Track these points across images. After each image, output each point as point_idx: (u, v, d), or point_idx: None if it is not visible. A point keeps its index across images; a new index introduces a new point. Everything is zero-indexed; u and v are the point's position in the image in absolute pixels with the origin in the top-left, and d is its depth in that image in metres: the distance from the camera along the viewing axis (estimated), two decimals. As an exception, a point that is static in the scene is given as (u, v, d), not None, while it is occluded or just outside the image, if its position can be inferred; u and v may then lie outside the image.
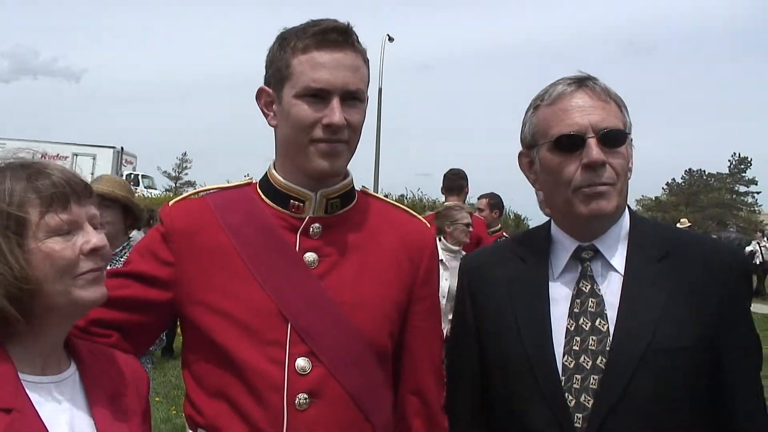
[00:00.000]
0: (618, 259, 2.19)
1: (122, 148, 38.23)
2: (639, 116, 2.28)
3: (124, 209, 4.50)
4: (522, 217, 32.61)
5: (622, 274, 2.17)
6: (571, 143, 2.12)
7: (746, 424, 2.13)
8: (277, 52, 2.15)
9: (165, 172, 71.21)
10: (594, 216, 2.14)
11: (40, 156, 1.97)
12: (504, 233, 9.08)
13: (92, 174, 34.41)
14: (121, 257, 4.33)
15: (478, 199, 9.64)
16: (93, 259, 1.80)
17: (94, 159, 35.49)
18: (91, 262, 1.80)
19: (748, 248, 26.72)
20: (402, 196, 32.80)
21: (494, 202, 9.34)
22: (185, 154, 74.38)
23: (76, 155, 35.39)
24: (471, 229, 7.38)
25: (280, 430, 2.03)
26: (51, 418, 1.76)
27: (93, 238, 1.80)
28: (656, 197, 73.00)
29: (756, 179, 72.13)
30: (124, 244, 4.54)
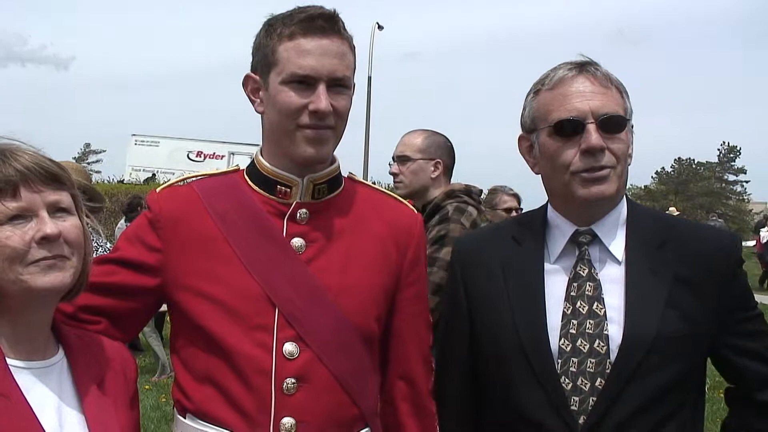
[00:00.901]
0: (615, 244, 2.20)
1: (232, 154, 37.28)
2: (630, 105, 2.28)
3: (90, 200, 4.49)
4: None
5: (620, 259, 2.18)
6: (570, 128, 2.13)
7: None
8: (264, 39, 2.15)
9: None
10: (593, 200, 2.14)
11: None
12: None
13: None
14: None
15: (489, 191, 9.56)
16: (46, 246, 1.76)
17: (252, 158, 34.79)
18: (44, 250, 1.76)
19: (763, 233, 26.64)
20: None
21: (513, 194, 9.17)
22: (175, 142, 73.95)
23: (233, 154, 34.68)
24: (515, 214, 6.36)
25: (267, 414, 2.05)
26: (39, 404, 1.76)
27: (46, 226, 1.76)
28: (645, 186, 73.09)
29: (745, 168, 72.34)
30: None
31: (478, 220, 4.02)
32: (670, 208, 25.26)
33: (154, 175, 34.76)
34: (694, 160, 75.71)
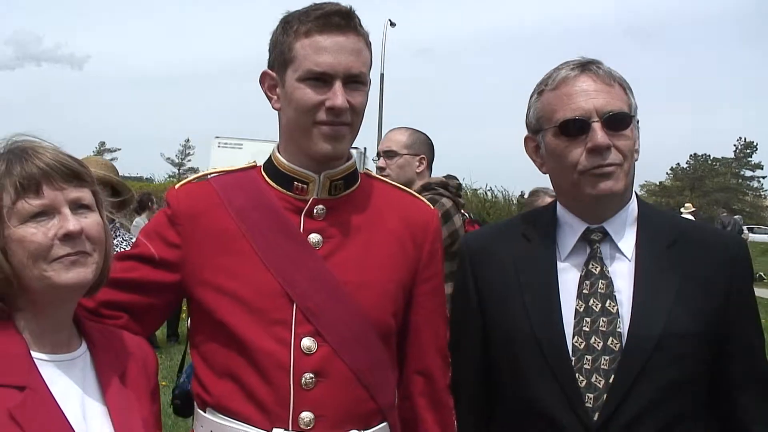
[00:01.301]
0: (626, 243, 2.21)
1: (365, 149, 36.75)
2: (642, 101, 2.28)
3: (112, 190, 4.53)
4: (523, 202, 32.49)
5: (630, 258, 2.19)
6: (575, 128, 2.13)
7: (752, 405, 2.18)
8: (280, 36, 2.17)
9: (168, 158, 71.22)
10: (602, 196, 2.15)
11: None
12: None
13: None
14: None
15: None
16: (69, 243, 1.79)
17: (275, 147, 34.26)
18: (67, 247, 1.79)
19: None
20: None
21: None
22: (188, 140, 74.31)
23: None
24: None
25: (286, 408, 2.07)
26: (63, 396, 1.79)
27: (68, 222, 1.79)
28: (661, 182, 72.86)
29: (762, 164, 71.97)
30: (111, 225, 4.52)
31: (452, 211, 4.25)
32: (686, 204, 25.09)
33: None
34: (709, 155, 75.42)
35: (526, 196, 6.77)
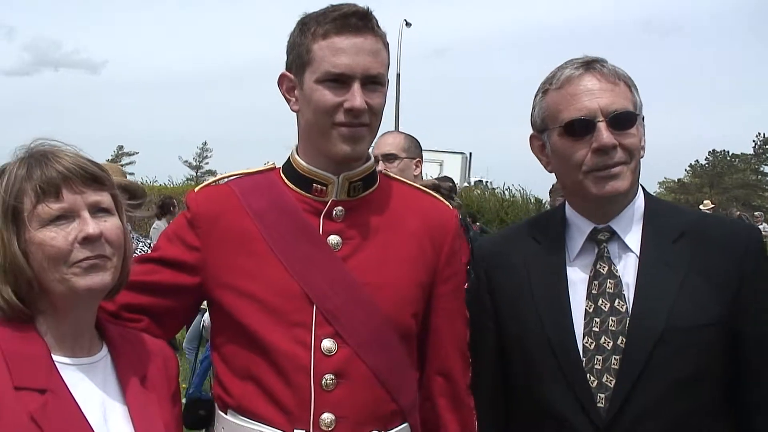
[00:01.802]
0: (634, 239, 2.20)
1: (470, 154, 35.89)
2: (661, 98, 2.29)
3: (132, 197, 4.57)
4: (543, 201, 32.42)
5: (638, 255, 2.18)
6: (581, 128, 2.13)
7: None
8: (298, 38, 2.17)
9: (186, 161, 71.58)
10: (607, 196, 2.15)
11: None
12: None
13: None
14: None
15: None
16: (88, 246, 1.80)
17: (441, 165, 32.98)
18: (86, 251, 1.80)
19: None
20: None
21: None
22: (206, 143, 74.67)
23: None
24: None
25: (307, 410, 2.07)
26: (84, 399, 1.80)
27: (88, 226, 1.80)
28: (679, 179, 72.46)
29: (781, 159, 71.29)
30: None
31: None
32: (705, 201, 24.94)
33: None
34: (728, 152, 74.93)
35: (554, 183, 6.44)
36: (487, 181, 35.36)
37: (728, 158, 74.44)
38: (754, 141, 72.70)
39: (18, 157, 1.86)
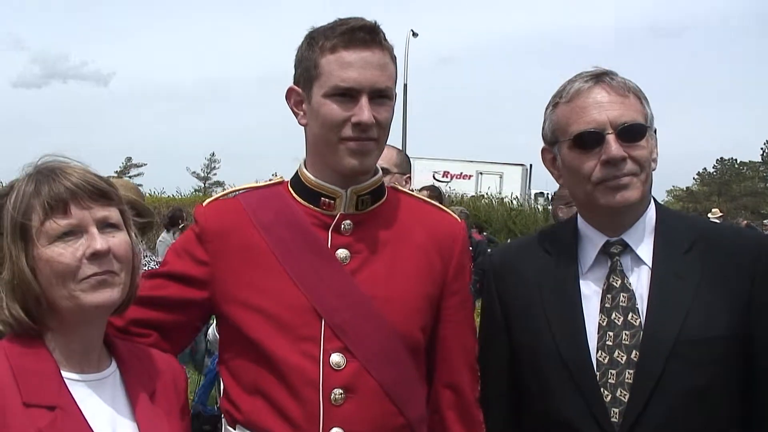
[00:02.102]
0: (646, 252, 2.20)
1: (531, 166, 34.25)
2: (667, 105, 2.28)
3: (138, 215, 4.61)
4: (550, 211, 32.33)
5: (650, 267, 2.17)
6: (590, 140, 2.14)
7: None
8: (306, 52, 2.17)
9: (194, 172, 71.75)
10: (618, 207, 2.14)
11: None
12: None
13: (499, 193, 32.00)
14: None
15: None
16: (96, 262, 1.80)
17: (501, 177, 33.35)
18: (94, 266, 1.80)
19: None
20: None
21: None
22: (213, 154, 74.77)
23: (481, 173, 33.54)
24: None
25: (316, 425, 2.06)
26: (93, 416, 1.80)
27: (96, 242, 1.80)
28: (687, 187, 72.34)
29: (790, 167, 71.09)
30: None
31: None
32: (713, 210, 24.86)
33: None
34: (736, 159, 74.70)
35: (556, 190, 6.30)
36: (547, 194, 34.48)
37: (736, 166, 74.28)
38: (762, 149, 72.52)
39: (26, 174, 1.86)
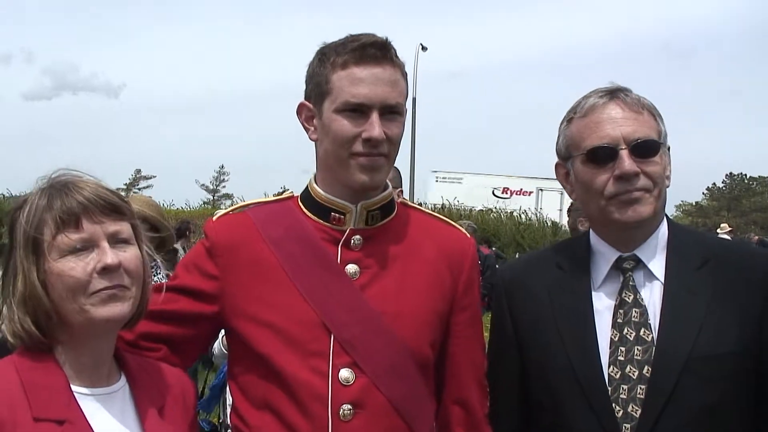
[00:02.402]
0: (659, 267, 2.20)
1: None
2: (678, 121, 2.28)
3: (153, 229, 4.66)
4: (559, 225, 32.34)
5: (663, 282, 2.17)
6: (603, 155, 2.15)
7: None
8: (317, 68, 2.18)
9: (203, 185, 71.92)
10: (630, 222, 2.15)
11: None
12: None
13: (560, 210, 31.67)
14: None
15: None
16: (107, 277, 1.81)
17: (561, 195, 31.46)
18: (105, 281, 1.81)
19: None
20: (443, 206, 32.65)
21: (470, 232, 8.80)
22: (222, 166, 74.90)
23: (542, 190, 33.00)
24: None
25: None
26: (102, 430, 1.80)
27: (107, 256, 1.81)
28: (697, 202, 72.12)
29: (800, 183, 70.82)
30: (152, 264, 4.62)
31: None
32: (722, 225, 24.73)
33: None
34: (746, 174, 74.46)
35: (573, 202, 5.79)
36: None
37: (746, 181, 74.09)
38: (772, 164, 72.41)
39: (39, 187, 1.87)
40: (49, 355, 1.83)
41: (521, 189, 33.57)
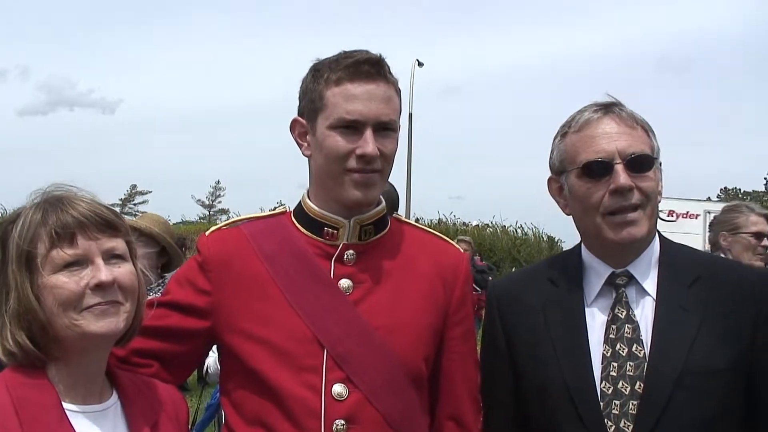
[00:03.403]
0: (651, 283, 2.20)
1: None
2: (673, 134, 2.29)
3: (162, 248, 4.69)
4: (555, 240, 32.41)
5: (655, 299, 2.18)
6: (598, 169, 2.15)
7: None
8: (311, 84, 2.19)
9: (199, 200, 71.88)
10: (624, 243, 2.15)
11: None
12: None
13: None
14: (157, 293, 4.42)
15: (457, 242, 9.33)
16: (100, 293, 1.80)
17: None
18: (98, 297, 1.80)
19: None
20: (439, 221, 32.72)
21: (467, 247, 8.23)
22: (218, 181, 74.95)
23: (709, 212, 32.66)
24: (766, 242, 4.71)
25: None
26: None
27: (101, 273, 1.80)
28: (692, 216, 72.13)
29: (794, 197, 70.87)
30: (159, 281, 4.64)
31: None
32: (718, 239, 24.70)
33: None
34: (740, 189, 74.61)
35: (717, 214, 5.17)
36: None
37: (740, 195, 74.15)
38: (765, 178, 72.56)
39: (34, 202, 1.87)
40: (41, 372, 1.82)
41: (687, 212, 33.28)
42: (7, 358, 1.82)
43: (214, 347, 2.30)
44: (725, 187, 75.12)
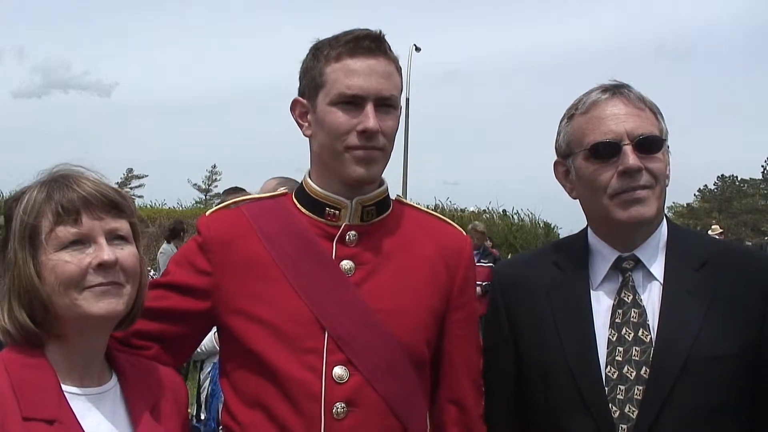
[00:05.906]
0: (658, 268, 2.18)
1: None
2: (669, 121, 2.28)
3: None
4: (552, 226, 32.46)
5: (663, 283, 2.16)
6: (607, 151, 2.13)
7: None
8: (311, 62, 2.17)
9: (195, 184, 71.77)
10: (633, 222, 2.13)
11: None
12: None
13: None
14: None
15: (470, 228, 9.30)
16: (102, 273, 1.79)
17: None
18: (99, 276, 1.79)
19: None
20: (435, 206, 32.74)
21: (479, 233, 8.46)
22: (215, 166, 74.73)
23: None
24: None
25: None
26: (93, 430, 1.78)
27: (104, 253, 1.79)
28: (688, 204, 72.32)
29: (791, 184, 71.15)
30: None
31: None
32: (713, 226, 24.80)
33: None
34: (737, 176, 74.73)
35: None
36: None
37: (737, 183, 74.28)
38: (763, 166, 72.58)
39: (39, 181, 1.85)
40: (40, 352, 1.80)
41: None
42: (4, 338, 1.80)
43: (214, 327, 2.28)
44: (722, 174, 75.21)
